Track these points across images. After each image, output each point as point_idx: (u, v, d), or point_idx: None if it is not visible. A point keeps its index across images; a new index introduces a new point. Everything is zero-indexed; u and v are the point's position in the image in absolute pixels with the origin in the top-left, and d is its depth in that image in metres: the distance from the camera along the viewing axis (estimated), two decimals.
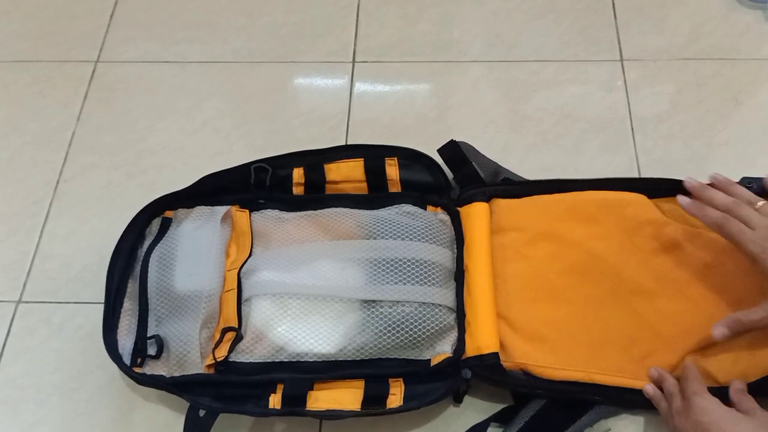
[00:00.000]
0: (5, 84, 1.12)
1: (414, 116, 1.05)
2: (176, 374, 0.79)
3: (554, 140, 1.01)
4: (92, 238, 0.96)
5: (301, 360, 0.78)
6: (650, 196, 0.86)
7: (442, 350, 0.79)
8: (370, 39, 1.13)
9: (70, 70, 1.12)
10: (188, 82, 1.10)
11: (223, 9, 1.18)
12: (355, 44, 1.13)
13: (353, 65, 1.11)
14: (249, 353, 0.79)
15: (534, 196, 0.89)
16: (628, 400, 0.77)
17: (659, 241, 0.83)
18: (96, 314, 0.90)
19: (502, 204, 0.89)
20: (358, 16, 1.16)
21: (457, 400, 0.81)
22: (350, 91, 1.08)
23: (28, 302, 0.92)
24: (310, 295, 0.81)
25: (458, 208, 0.89)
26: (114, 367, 0.86)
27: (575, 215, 0.86)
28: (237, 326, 0.80)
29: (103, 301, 0.91)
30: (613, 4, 1.15)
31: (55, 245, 0.96)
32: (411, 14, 1.16)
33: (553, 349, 0.78)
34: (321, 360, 0.78)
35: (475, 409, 0.81)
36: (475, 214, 0.88)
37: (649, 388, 0.76)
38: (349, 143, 1.02)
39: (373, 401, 0.76)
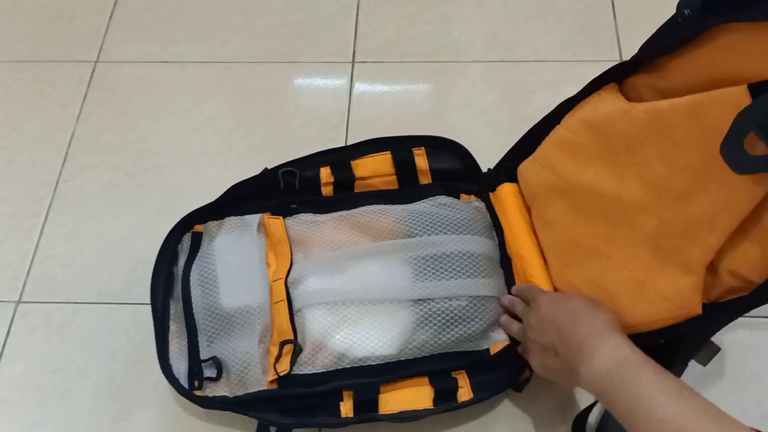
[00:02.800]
0: (5, 84, 1.12)
1: (414, 116, 1.05)
2: (239, 393, 0.77)
3: None
4: (92, 238, 0.96)
5: (364, 364, 0.78)
6: (621, 79, 0.77)
7: (499, 339, 0.79)
8: (370, 39, 1.13)
9: (70, 70, 1.12)
10: (188, 82, 1.10)
11: (223, 9, 1.18)
12: (354, 44, 1.13)
13: (353, 65, 1.11)
14: (311, 364, 0.78)
15: (531, 157, 0.86)
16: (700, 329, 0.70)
17: (631, 136, 0.73)
18: (95, 314, 0.90)
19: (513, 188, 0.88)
20: (357, 16, 1.16)
21: (517, 389, 0.81)
22: (350, 91, 1.08)
23: (27, 302, 0.92)
24: (361, 300, 0.80)
25: (489, 193, 0.88)
26: (114, 367, 0.86)
27: (565, 151, 0.81)
28: (293, 338, 0.79)
29: (102, 301, 0.92)
30: (613, 5, 1.15)
31: (54, 245, 0.96)
32: (411, 14, 1.16)
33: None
34: (384, 362, 0.78)
35: (475, 409, 0.82)
36: (506, 198, 0.87)
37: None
38: (349, 142, 1.02)
39: (445, 397, 0.77)
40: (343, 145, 1.02)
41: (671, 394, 0.58)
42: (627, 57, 1.08)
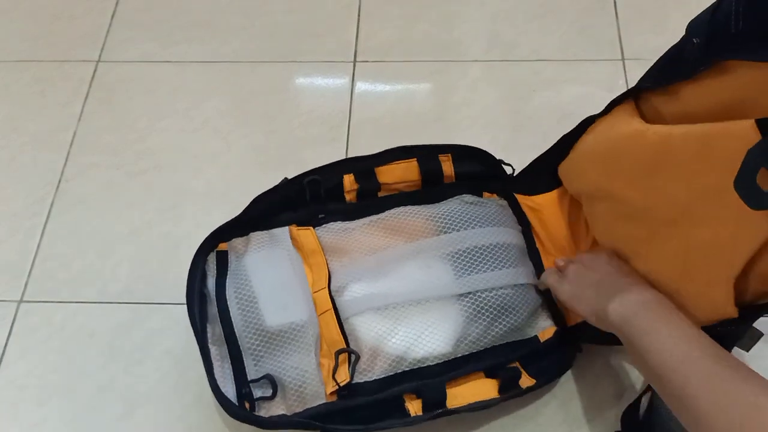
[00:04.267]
0: (6, 84, 1.12)
1: (415, 116, 1.05)
2: (298, 410, 0.75)
3: (555, 140, 1.01)
4: (93, 237, 0.96)
5: (423, 365, 0.77)
6: (637, 96, 0.79)
7: (545, 325, 0.81)
8: (371, 39, 1.13)
9: (71, 70, 1.12)
10: (188, 82, 1.10)
11: (224, 9, 1.18)
12: (356, 44, 1.13)
13: (354, 65, 1.11)
14: (370, 371, 0.77)
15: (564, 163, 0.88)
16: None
17: (647, 158, 0.73)
18: (97, 314, 0.90)
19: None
20: (359, 16, 1.16)
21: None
22: (351, 90, 1.08)
23: (29, 302, 0.92)
24: (409, 300, 0.80)
25: (517, 195, 0.90)
26: (115, 366, 0.86)
27: (592, 162, 0.82)
28: (346, 346, 0.78)
29: (104, 301, 0.92)
30: (615, 4, 1.15)
31: (56, 245, 0.96)
32: (412, 14, 1.16)
33: None
34: (442, 361, 0.78)
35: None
36: (545, 206, 0.89)
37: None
38: (351, 143, 1.03)
39: (509, 385, 0.77)
40: (345, 143, 1.02)
41: (685, 336, 0.63)
42: (629, 56, 1.09)
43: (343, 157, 0.91)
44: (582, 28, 1.12)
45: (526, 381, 0.78)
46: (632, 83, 1.05)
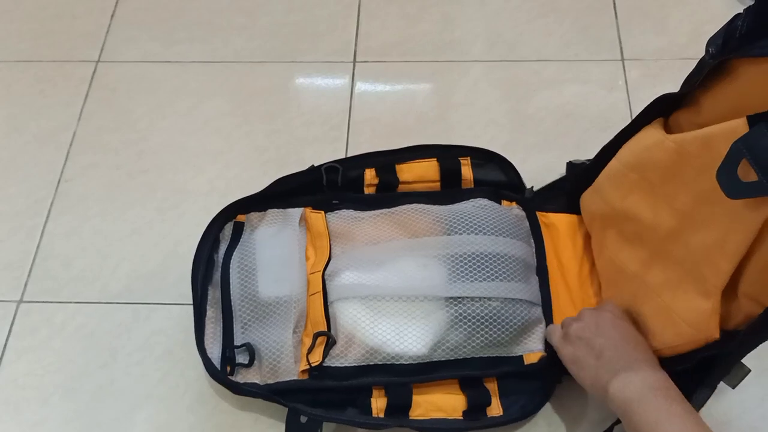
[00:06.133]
0: (6, 84, 1.12)
1: (415, 116, 1.05)
2: (270, 381, 0.78)
3: (555, 140, 1.01)
4: (93, 237, 0.96)
5: (396, 363, 0.77)
6: (667, 114, 0.80)
7: (534, 348, 0.79)
8: (372, 39, 1.13)
9: (71, 70, 1.12)
10: (189, 82, 1.10)
11: (224, 9, 1.18)
12: (356, 44, 1.13)
13: (354, 65, 1.11)
14: (343, 357, 0.78)
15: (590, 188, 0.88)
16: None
17: (664, 166, 0.76)
18: (97, 314, 0.90)
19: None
20: (359, 15, 1.16)
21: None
22: (351, 90, 1.08)
23: (29, 302, 0.92)
24: (396, 295, 0.80)
25: (537, 211, 0.90)
26: (115, 366, 0.86)
27: (613, 181, 0.84)
28: (326, 330, 0.79)
29: (104, 301, 0.92)
30: (614, 4, 1.15)
31: (56, 245, 0.96)
32: (412, 14, 1.16)
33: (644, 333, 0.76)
34: (416, 362, 0.77)
35: None
36: (559, 224, 0.89)
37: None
38: (351, 142, 1.03)
39: (476, 407, 0.77)
40: (345, 143, 1.02)
41: (686, 428, 0.63)
42: (628, 56, 1.09)
43: (343, 157, 0.92)
44: (582, 28, 1.13)
45: (494, 409, 0.77)
46: (632, 83, 1.06)
